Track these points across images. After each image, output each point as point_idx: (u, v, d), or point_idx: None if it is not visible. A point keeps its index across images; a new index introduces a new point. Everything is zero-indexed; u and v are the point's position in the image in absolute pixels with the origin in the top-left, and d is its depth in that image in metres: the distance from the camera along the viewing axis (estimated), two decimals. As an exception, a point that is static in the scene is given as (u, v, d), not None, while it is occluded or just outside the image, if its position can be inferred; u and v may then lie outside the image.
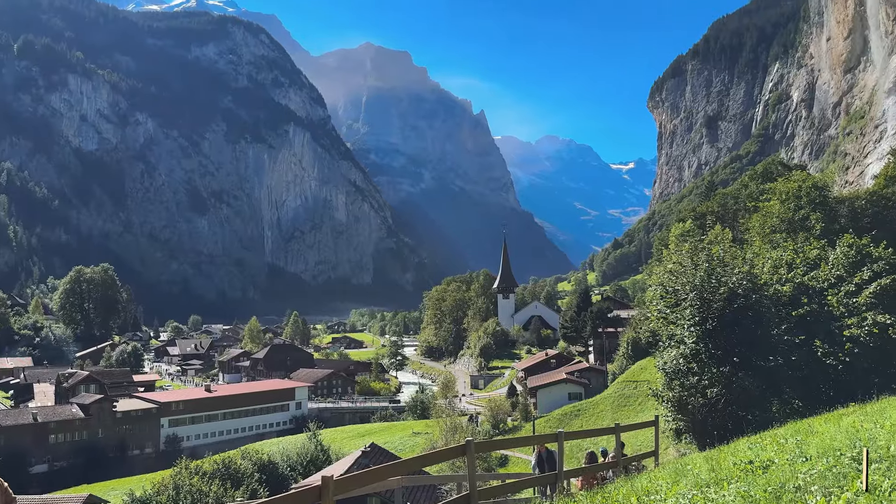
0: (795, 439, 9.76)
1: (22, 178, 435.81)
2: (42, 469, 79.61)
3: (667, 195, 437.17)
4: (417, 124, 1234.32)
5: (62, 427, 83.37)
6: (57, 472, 79.36)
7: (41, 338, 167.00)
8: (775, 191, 55.87)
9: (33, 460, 79.15)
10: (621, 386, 71.43)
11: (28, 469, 77.23)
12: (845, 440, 8.31)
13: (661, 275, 27.98)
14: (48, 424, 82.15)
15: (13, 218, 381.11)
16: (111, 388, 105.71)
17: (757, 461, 8.29)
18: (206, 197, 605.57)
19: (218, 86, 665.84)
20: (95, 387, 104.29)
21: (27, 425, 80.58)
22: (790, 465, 7.62)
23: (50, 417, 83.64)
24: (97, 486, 65.90)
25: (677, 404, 23.42)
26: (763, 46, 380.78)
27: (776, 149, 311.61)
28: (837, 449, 7.79)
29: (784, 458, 8.20)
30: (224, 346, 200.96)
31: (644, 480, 9.33)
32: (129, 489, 49.12)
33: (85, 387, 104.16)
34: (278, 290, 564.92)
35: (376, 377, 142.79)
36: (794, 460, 7.88)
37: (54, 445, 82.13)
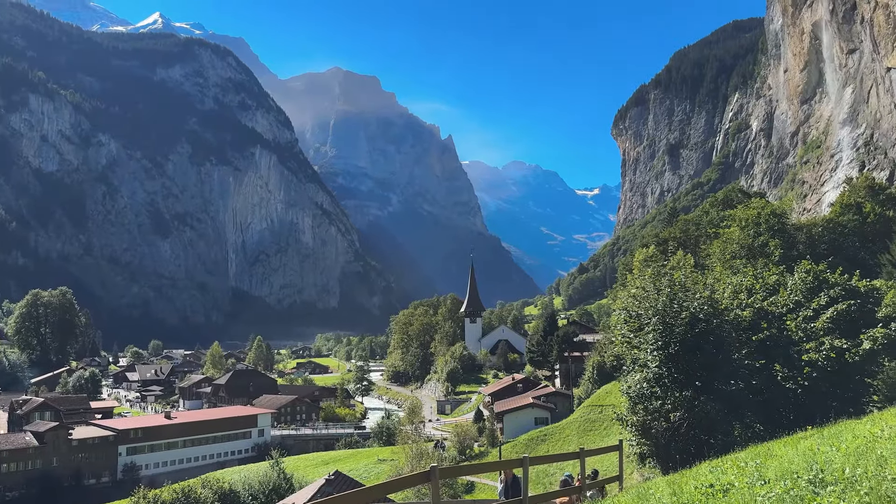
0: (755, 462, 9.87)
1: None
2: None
3: (631, 221, 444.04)
4: (385, 148, 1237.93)
5: (15, 456, 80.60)
6: (9, 502, 76.66)
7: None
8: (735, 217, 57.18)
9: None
10: (587, 410, 71.62)
11: (-24, 500, 74.49)
12: (802, 463, 8.44)
13: (624, 299, 28.31)
14: (0, 453, 79.25)
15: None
16: (67, 416, 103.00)
17: (717, 485, 8.36)
18: (170, 219, 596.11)
19: (183, 107, 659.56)
20: (51, 414, 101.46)
21: (-24, 454, 77.67)
22: (749, 489, 7.70)
23: (2, 446, 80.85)
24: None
25: (641, 428, 23.56)
26: (723, 77, 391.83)
27: (736, 176, 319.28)
28: (795, 472, 7.90)
29: (744, 481, 8.29)
30: (185, 372, 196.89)
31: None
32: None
33: (40, 414, 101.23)
34: (242, 314, 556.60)
35: (341, 403, 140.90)
36: (754, 483, 7.97)
37: (6, 475, 79.31)
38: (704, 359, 23.50)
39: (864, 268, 46.55)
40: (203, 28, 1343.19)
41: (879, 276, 46.49)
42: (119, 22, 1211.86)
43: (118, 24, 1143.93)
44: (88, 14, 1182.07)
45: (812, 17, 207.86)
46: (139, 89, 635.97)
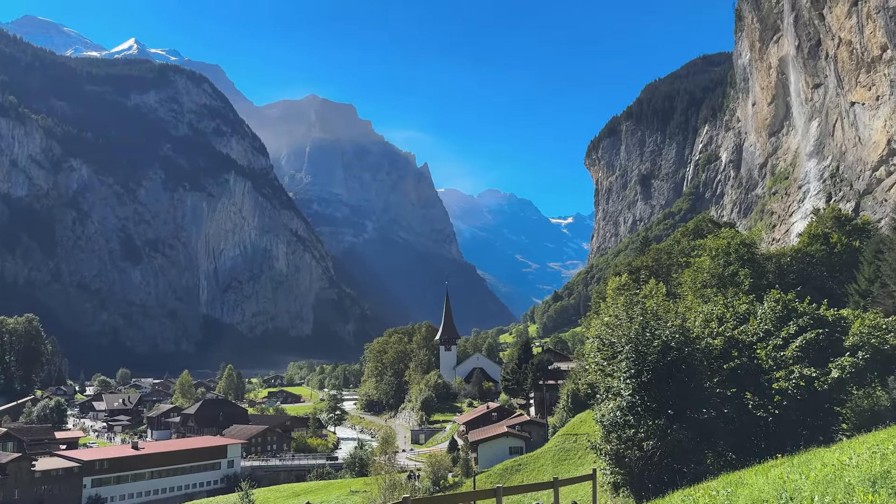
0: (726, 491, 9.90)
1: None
2: (-52, 535, 74.06)
3: (604, 249, 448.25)
4: (361, 176, 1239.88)
5: (-27, 489, 77.84)
6: (-36, 538, 73.91)
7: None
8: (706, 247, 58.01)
9: (-62, 526, 73.55)
10: (562, 439, 71.31)
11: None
12: (772, 491, 8.47)
13: (598, 327, 28.47)
14: (-43, 487, 76.66)
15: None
16: (31, 446, 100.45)
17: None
18: (141, 246, 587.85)
19: (157, 133, 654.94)
20: (13, 444, 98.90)
21: (-67, 488, 74.94)
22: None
23: (-41, 479, 78.04)
24: (7, 554, 61.24)
25: (615, 457, 23.53)
26: (693, 109, 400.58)
27: (707, 206, 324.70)
28: (765, 500, 7.93)
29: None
30: (154, 402, 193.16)
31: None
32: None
33: (2, 444, 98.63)
34: (213, 342, 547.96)
35: (314, 433, 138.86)
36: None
37: (-37, 509, 76.62)
38: (677, 387, 23.64)
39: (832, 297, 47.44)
40: (179, 54, 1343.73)
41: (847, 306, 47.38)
42: (94, 47, 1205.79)
43: (93, 50, 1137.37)
44: (63, 39, 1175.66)
45: (779, 53, 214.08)
46: (113, 115, 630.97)
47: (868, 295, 54.61)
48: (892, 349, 26.94)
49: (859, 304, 50.98)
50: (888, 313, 36.69)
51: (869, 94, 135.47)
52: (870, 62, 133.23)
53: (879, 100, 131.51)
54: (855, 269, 59.24)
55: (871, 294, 54.39)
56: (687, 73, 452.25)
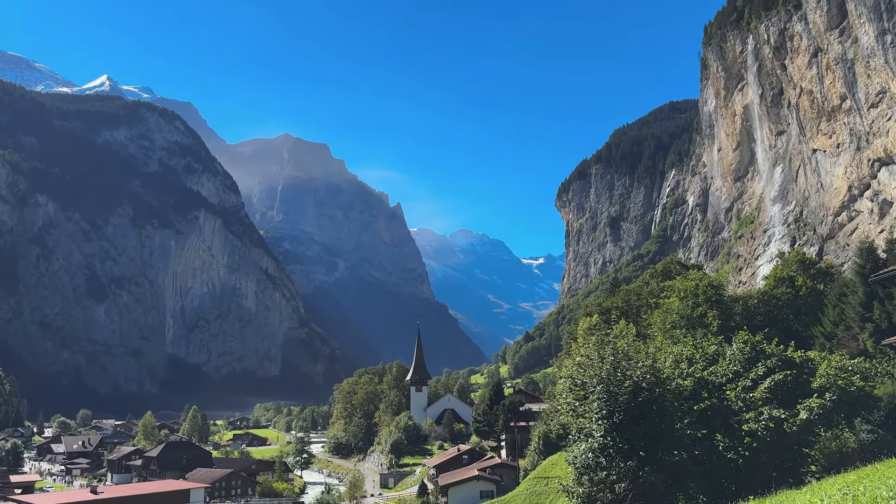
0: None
1: None
2: None
3: (575, 290, 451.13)
4: (334, 214, 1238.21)
5: (-83, 538, 74.01)
6: None
7: None
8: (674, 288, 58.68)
9: None
10: (533, 482, 70.52)
11: None
12: (746, 536, 8.38)
13: (570, 367, 28.40)
14: None
15: None
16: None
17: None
18: (106, 283, 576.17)
19: (127, 170, 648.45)
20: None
21: None
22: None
23: None
24: None
25: (587, 500, 23.29)
26: (660, 154, 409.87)
27: (675, 249, 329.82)
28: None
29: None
30: (115, 444, 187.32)
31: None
32: None
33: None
34: (178, 382, 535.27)
35: (280, 476, 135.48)
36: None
37: None
38: (648, 428, 23.59)
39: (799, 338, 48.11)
40: (151, 91, 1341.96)
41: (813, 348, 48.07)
42: (65, 83, 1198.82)
43: (64, 86, 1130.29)
44: (33, 75, 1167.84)
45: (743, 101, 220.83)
46: (81, 150, 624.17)
47: (833, 337, 55.53)
48: (859, 391, 27.29)
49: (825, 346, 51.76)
50: (853, 355, 37.26)
51: (830, 141, 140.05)
52: (830, 111, 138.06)
53: (840, 147, 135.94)
54: (820, 312, 60.32)
55: (836, 336, 55.31)
56: (654, 119, 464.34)
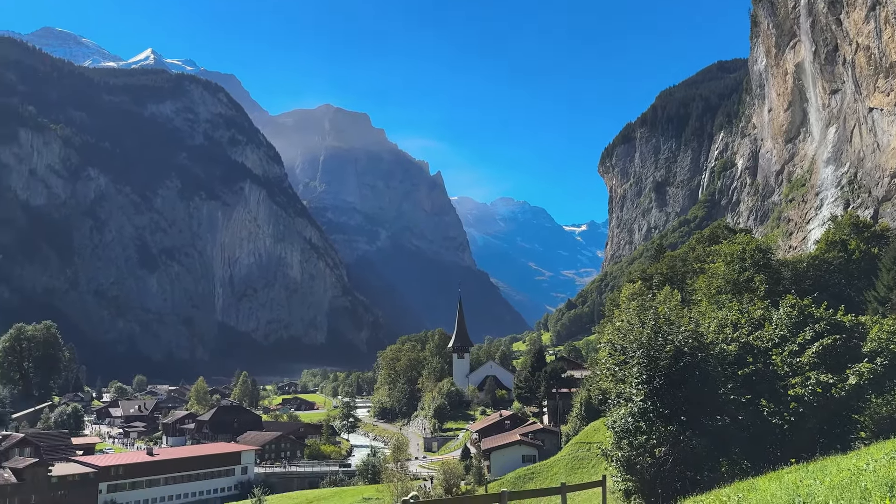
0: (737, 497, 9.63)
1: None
2: (-33, 540, 74.62)
3: (618, 257, 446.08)
4: (375, 184, 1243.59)
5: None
6: (-19, 543, 74.35)
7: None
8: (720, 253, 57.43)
9: (-43, 530, 74.15)
10: (575, 448, 70.75)
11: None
12: (785, 496, 8.21)
13: (610, 333, 28.16)
14: (-25, 491, 77.21)
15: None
16: (48, 452, 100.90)
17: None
18: (157, 254, 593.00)
19: (173, 143, 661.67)
20: (31, 450, 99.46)
21: (-48, 493, 75.61)
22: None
23: (-23, 483, 78.64)
24: (22, 559, 61.55)
25: (626, 464, 23.19)
26: (708, 116, 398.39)
27: (722, 214, 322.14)
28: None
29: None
30: (169, 408, 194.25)
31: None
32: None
33: (19, 450, 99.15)
34: (228, 349, 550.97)
35: (327, 440, 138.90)
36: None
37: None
38: (689, 393, 23.28)
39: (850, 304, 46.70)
40: (195, 64, 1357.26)
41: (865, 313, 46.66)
42: (111, 58, 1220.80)
43: (110, 60, 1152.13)
44: (81, 50, 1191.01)
45: (795, 59, 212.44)
46: (129, 124, 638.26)
47: (887, 302, 53.77)
48: (912, 355, 26.38)
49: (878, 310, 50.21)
50: (907, 320, 35.99)
51: (887, 99, 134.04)
52: (888, 67, 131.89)
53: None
54: (873, 276, 58.36)
55: (890, 301, 53.55)
56: (702, 80, 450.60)
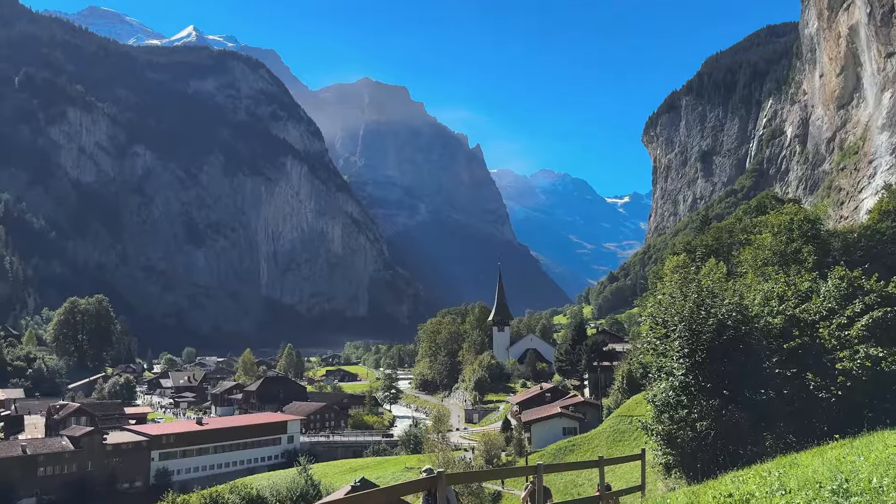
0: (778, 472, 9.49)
1: (19, 209, 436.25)
2: (30, 503, 78.10)
3: (662, 229, 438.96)
4: (414, 157, 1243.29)
5: (51, 460, 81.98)
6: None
7: (34, 369, 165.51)
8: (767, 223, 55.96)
9: (21, 493, 77.77)
10: (616, 421, 70.53)
11: (16, 502, 75.76)
12: (827, 473, 8.06)
13: (652, 306, 27.81)
14: (37, 457, 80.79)
15: (9, 249, 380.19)
16: (102, 421, 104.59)
17: (737, 494, 8.03)
18: (203, 229, 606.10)
19: (216, 119, 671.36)
20: (86, 419, 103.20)
21: (16, 458, 79.24)
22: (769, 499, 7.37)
23: (39, 450, 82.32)
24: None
25: (666, 438, 23.03)
26: (756, 83, 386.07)
27: (771, 183, 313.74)
28: (818, 482, 7.54)
29: (764, 491, 7.94)
30: (217, 379, 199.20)
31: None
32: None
33: (76, 419, 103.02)
34: (273, 322, 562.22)
35: (370, 411, 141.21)
36: (774, 493, 7.63)
37: (43, 478, 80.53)
38: (733, 367, 22.90)
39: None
40: (236, 41, 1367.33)
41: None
42: (154, 36, 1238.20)
43: (154, 38, 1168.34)
44: (125, 28, 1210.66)
45: (848, 21, 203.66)
46: (173, 101, 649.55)
47: (943, 273, 51.77)
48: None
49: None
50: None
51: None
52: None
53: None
54: (929, 247, 56.16)
55: (947, 272, 51.52)
56: (750, 45, 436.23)
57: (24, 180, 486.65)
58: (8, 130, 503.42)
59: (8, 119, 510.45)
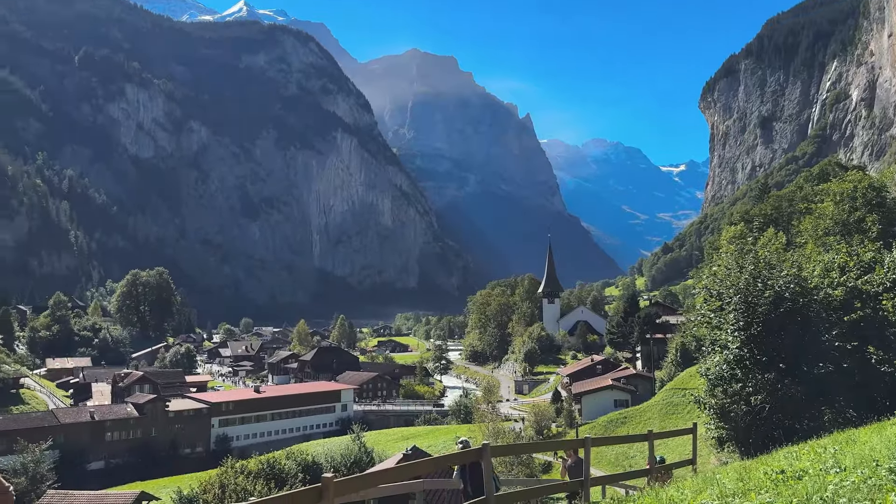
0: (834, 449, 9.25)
1: (83, 185, 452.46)
2: (99, 466, 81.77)
3: (719, 198, 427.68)
4: (463, 129, 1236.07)
5: (118, 425, 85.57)
6: (113, 468, 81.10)
7: (99, 339, 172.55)
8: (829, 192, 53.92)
9: (91, 457, 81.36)
10: (669, 393, 69.79)
11: (86, 466, 79.57)
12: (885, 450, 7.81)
13: (706, 278, 27.24)
14: (105, 423, 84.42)
15: (74, 224, 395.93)
16: (164, 389, 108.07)
17: (790, 471, 7.87)
18: (258, 203, 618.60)
19: (268, 93, 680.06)
20: (149, 387, 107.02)
21: (85, 423, 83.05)
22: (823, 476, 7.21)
23: (106, 416, 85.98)
24: (150, 483, 67.53)
25: (719, 412, 22.68)
26: (820, 44, 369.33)
27: (834, 150, 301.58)
28: (875, 459, 7.33)
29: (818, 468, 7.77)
30: (273, 349, 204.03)
31: (672, 490, 8.98)
32: (178, 487, 50.20)
33: (139, 387, 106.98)
34: (325, 293, 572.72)
35: (421, 381, 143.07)
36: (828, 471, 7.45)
37: (110, 443, 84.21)
38: (789, 340, 22.29)
39: (976, 245, 42.93)
40: (286, 14, 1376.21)
41: None
42: (207, 11, 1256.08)
43: (206, 13, 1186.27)
44: (178, 5, 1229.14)
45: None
46: (226, 77, 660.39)
47: None
48: None
49: None
50: None
51: None
52: None
53: None
54: None
55: None
56: (813, 5, 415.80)
57: (87, 157, 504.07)
58: (70, 108, 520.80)
59: (70, 97, 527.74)
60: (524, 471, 51.57)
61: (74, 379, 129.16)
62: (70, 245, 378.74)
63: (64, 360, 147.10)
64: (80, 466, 77.74)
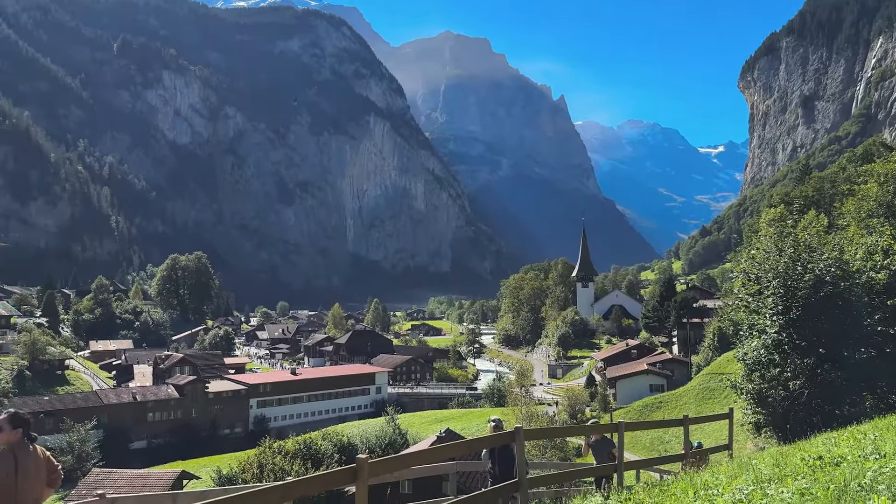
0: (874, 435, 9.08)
1: (122, 171, 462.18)
2: (141, 445, 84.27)
3: (759, 180, 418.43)
4: (496, 112, 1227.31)
5: (159, 406, 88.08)
6: (155, 448, 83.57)
7: (140, 322, 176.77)
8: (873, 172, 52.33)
9: (133, 437, 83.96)
10: (706, 378, 68.99)
11: (129, 445, 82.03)
12: (928, 438, 7.65)
13: (744, 261, 26.83)
14: (146, 403, 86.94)
15: (115, 209, 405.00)
16: (204, 370, 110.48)
17: (827, 457, 7.76)
18: (293, 188, 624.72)
19: (302, 79, 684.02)
20: (189, 368, 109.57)
21: (128, 404, 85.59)
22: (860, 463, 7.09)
23: (148, 397, 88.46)
24: (190, 462, 69.30)
25: (757, 397, 22.40)
26: (865, 21, 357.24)
27: (879, 129, 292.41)
28: (917, 447, 7.19)
29: (857, 454, 7.64)
30: (309, 332, 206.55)
31: (707, 475, 8.94)
32: (218, 466, 51.44)
33: (180, 368, 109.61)
34: (359, 277, 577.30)
35: (454, 364, 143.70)
36: (867, 457, 7.33)
37: (152, 423, 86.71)
38: (830, 324, 21.84)
39: None
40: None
41: None
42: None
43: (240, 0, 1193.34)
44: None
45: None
46: (261, 62, 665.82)
47: None
48: None
49: None
50: None
51: None
52: None
53: None
54: None
55: None
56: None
57: (126, 143, 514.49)
58: (109, 95, 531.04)
59: (109, 84, 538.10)
60: (557, 454, 51.59)
61: (117, 361, 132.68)
62: (111, 230, 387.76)
63: (106, 342, 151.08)
64: (124, 445, 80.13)
